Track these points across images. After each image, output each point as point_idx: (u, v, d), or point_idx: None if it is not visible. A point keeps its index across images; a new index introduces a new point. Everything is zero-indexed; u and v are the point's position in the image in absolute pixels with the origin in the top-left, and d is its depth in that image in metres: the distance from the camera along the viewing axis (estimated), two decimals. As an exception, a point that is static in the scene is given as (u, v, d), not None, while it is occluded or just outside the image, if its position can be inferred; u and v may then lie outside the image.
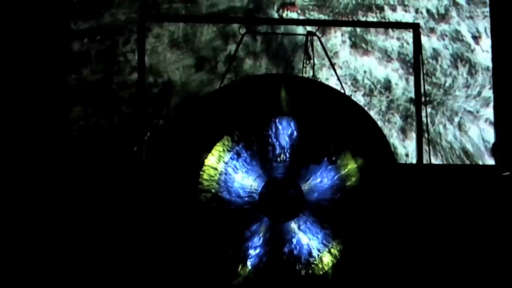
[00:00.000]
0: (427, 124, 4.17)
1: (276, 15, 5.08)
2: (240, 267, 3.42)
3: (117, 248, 4.45)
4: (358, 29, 5.16)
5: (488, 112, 5.22)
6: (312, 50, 4.14)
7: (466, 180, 4.79)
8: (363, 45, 5.19)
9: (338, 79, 4.03)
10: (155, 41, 5.01)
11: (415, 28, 4.16)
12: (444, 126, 5.21)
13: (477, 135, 5.21)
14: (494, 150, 4.22)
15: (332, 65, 4.06)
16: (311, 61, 4.13)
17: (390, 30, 5.19)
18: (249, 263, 3.43)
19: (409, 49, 5.06)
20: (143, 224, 3.74)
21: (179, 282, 3.45)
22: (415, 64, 4.14)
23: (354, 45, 5.19)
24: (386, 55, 5.21)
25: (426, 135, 4.07)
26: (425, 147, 4.07)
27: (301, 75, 4.31)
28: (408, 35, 5.06)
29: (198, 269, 3.40)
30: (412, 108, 4.99)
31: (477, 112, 5.24)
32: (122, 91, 4.93)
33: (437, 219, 4.43)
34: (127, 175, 4.48)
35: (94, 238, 4.51)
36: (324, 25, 4.57)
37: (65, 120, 4.75)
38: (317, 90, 3.61)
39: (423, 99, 4.07)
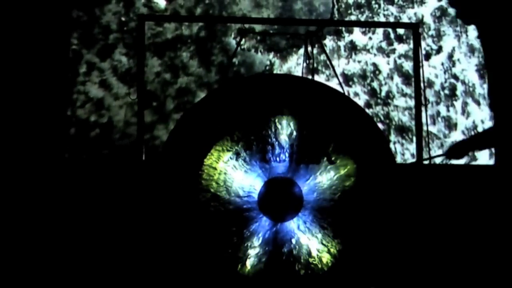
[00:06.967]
0: (427, 125, 4.17)
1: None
2: (239, 267, 3.42)
3: (116, 248, 4.45)
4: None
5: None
6: (312, 50, 4.14)
7: (466, 180, 4.78)
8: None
9: (338, 79, 4.03)
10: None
11: (415, 28, 4.16)
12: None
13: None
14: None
15: (332, 65, 4.07)
16: (311, 61, 4.14)
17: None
18: (248, 263, 3.43)
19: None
20: (142, 224, 3.75)
21: (178, 282, 3.45)
22: (415, 65, 4.14)
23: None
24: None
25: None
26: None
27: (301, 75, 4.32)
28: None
29: (196, 269, 3.40)
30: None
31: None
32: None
33: (436, 219, 4.43)
34: (127, 175, 4.48)
35: (93, 237, 4.50)
36: (324, 25, 4.58)
37: (62, 124, 4.75)
38: (316, 90, 3.61)
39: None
